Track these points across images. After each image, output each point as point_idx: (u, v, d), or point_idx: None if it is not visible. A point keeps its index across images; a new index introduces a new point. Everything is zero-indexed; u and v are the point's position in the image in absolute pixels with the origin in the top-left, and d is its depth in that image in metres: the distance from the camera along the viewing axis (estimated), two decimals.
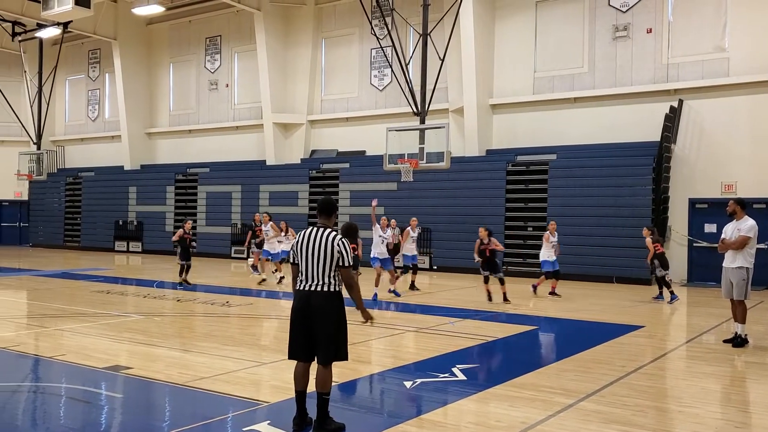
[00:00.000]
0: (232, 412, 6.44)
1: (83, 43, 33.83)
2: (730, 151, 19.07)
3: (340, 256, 5.82)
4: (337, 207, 6.21)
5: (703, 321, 12.75)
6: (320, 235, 5.88)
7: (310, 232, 5.94)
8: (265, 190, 26.89)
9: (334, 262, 5.82)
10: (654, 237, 15.71)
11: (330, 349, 5.82)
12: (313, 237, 5.88)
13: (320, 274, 5.82)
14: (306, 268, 5.88)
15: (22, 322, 11.82)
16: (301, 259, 5.91)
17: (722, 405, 7.16)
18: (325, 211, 6.08)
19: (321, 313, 5.79)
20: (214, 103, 30.04)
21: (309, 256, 5.85)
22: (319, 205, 6.14)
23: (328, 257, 5.80)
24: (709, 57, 19.54)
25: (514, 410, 6.54)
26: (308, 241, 5.88)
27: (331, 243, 5.82)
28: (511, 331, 11.33)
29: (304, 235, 5.96)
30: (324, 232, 5.90)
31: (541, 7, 22.33)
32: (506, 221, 21.49)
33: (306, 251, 5.87)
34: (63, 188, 33.83)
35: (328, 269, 5.82)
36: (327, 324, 5.79)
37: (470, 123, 22.64)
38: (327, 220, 6.06)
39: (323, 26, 27.10)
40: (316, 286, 5.83)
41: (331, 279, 5.84)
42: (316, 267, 5.82)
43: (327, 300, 5.81)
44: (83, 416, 6.41)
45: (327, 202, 6.15)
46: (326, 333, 5.79)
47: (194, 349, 9.28)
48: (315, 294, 5.82)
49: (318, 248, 5.82)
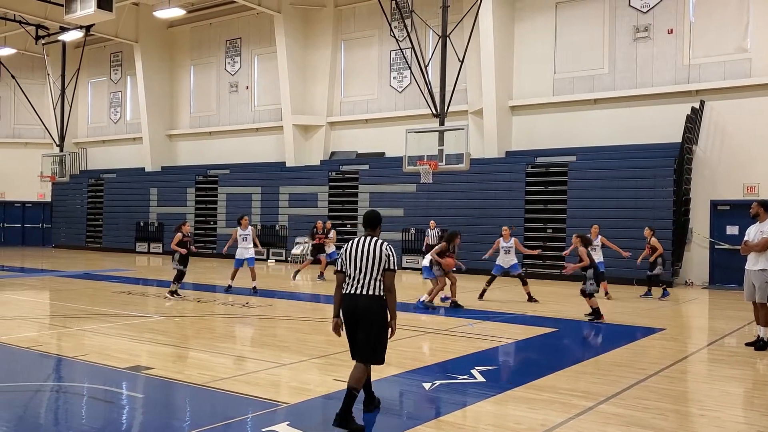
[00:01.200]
0: (252, 412, 6.48)
1: (105, 46, 34.20)
2: (752, 152, 18.87)
3: (387, 259, 6.15)
4: (380, 219, 6.54)
5: (725, 324, 12.63)
6: (368, 242, 6.23)
7: (358, 241, 6.27)
8: (285, 192, 27.01)
9: (382, 265, 6.12)
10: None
11: (367, 350, 6.13)
12: (362, 245, 6.22)
13: (367, 279, 6.12)
14: (354, 274, 6.18)
15: (44, 323, 11.97)
16: (350, 266, 6.21)
17: (744, 409, 7.10)
18: (370, 224, 6.43)
19: (366, 315, 6.09)
20: (234, 105, 30.22)
21: (357, 263, 6.16)
22: (365, 219, 6.47)
23: (376, 262, 6.12)
24: (730, 58, 19.36)
25: (534, 412, 6.52)
26: (357, 249, 6.20)
27: (379, 248, 6.17)
28: (531, 333, 11.28)
29: (353, 243, 6.28)
30: (372, 239, 6.27)
31: (560, 8, 22.23)
32: (525, 223, 21.41)
33: (355, 258, 6.18)
34: (85, 190, 34.20)
35: (376, 274, 6.12)
36: (369, 326, 6.10)
37: (489, 124, 22.59)
38: (373, 232, 6.40)
39: (343, 28, 27.17)
40: (363, 290, 6.12)
41: (377, 283, 6.13)
42: (363, 272, 6.13)
43: (373, 303, 6.10)
44: (105, 416, 6.48)
45: (372, 216, 6.48)
46: (367, 334, 6.10)
47: (214, 350, 9.34)
48: (362, 297, 6.11)
49: (367, 255, 6.15)
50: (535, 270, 20.84)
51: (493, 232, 19.96)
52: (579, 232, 13.67)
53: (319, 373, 8.11)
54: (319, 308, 14.03)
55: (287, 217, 26.88)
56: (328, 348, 9.66)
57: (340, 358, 8.93)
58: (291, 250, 26.05)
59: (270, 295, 15.76)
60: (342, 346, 9.69)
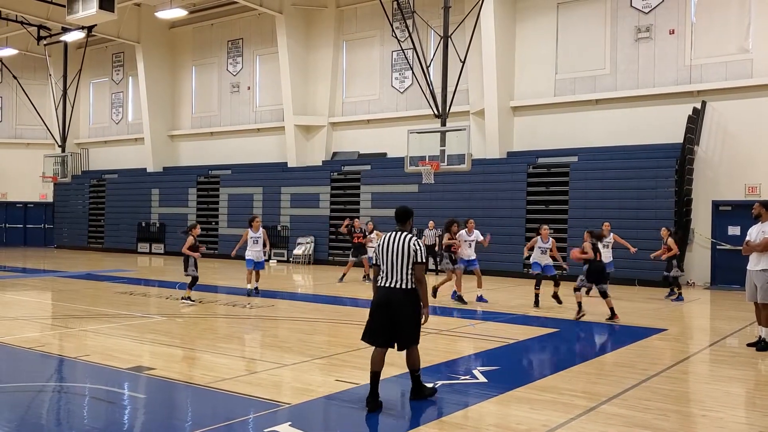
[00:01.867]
0: (254, 413, 6.49)
1: (107, 47, 34.24)
2: (754, 153, 18.86)
3: (415, 253, 6.56)
4: (412, 213, 6.97)
5: (727, 324, 12.62)
6: (399, 237, 6.63)
7: (390, 237, 6.68)
8: (287, 192, 27.03)
9: (411, 259, 6.54)
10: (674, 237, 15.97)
11: (409, 336, 6.68)
12: (393, 240, 6.63)
13: (399, 272, 6.56)
14: (386, 268, 6.61)
15: (47, 323, 11.99)
16: (383, 260, 6.64)
17: (746, 409, 7.10)
18: (400, 219, 6.87)
19: (401, 307, 6.55)
20: (236, 105, 30.25)
21: (389, 257, 6.59)
22: (396, 214, 6.90)
23: (406, 256, 6.54)
24: (732, 58, 19.35)
25: (536, 413, 6.52)
26: (389, 244, 6.62)
27: (408, 242, 6.59)
28: (533, 333, 11.29)
29: (385, 239, 6.69)
30: (402, 235, 6.67)
31: (562, 9, 22.24)
32: (527, 224, 21.41)
33: (387, 253, 6.61)
34: (87, 190, 34.23)
35: (406, 268, 6.55)
36: (406, 316, 6.58)
37: (491, 125, 22.59)
38: (403, 226, 6.83)
39: (344, 29, 27.18)
40: (396, 284, 6.56)
41: (408, 277, 6.57)
42: (395, 266, 6.56)
43: (405, 296, 6.57)
44: (107, 416, 6.49)
45: (402, 210, 6.89)
46: (406, 324, 6.59)
47: (216, 351, 9.35)
48: (395, 291, 6.56)
49: (397, 249, 6.57)
50: None
51: (495, 233, 20.00)
52: (583, 231, 13.59)
53: (321, 373, 8.12)
54: (320, 309, 14.04)
55: (289, 218, 26.90)
56: (330, 348, 9.68)
57: (342, 358, 8.96)
58: (293, 250, 26.06)
59: (272, 296, 15.78)
60: (343, 347, 9.75)
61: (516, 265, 21.03)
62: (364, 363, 8.70)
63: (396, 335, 6.63)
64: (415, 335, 6.71)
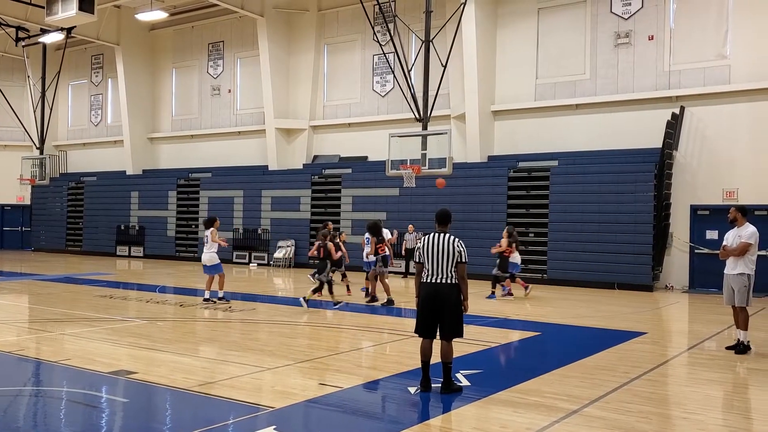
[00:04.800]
0: (238, 417, 6.45)
1: (86, 49, 33.96)
2: (731, 157, 19.11)
3: (459, 254, 7.21)
4: (451, 216, 7.57)
5: (705, 328, 12.76)
6: (442, 238, 7.24)
7: (433, 237, 7.27)
8: (267, 196, 26.93)
9: (455, 259, 7.19)
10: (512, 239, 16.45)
11: (453, 328, 7.26)
12: (437, 240, 7.24)
13: (444, 270, 7.18)
14: (432, 266, 7.22)
15: (25, 327, 11.84)
16: (427, 259, 7.25)
17: (725, 411, 7.18)
18: (442, 221, 7.47)
19: (446, 301, 7.18)
20: (217, 108, 30.12)
21: (434, 256, 7.20)
22: (438, 216, 7.49)
23: (450, 256, 7.17)
24: (710, 64, 19.60)
25: (519, 416, 6.55)
26: (433, 244, 7.23)
27: (452, 244, 7.22)
28: (515, 337, 11.34)
29: (430, 239, 7.28)
30: (445, 236, 7.27)
31: (543, 14, 22.39)
32: (508, 227, 21.42)
33: (432, 252, 7.22)
34: (65, 193, 33.87)
35: (451, 265, 7.19)
36: (451, 309, 7.20)
37: (472, 129, 22.68)
38: (444, 228, 7.43)
39: (326, 32, 27.17)
40: (441, 279, 7.20)
41: (452, 273, 7.21)
42: (440, 264, 7.17)
43: (450, 290, 7.21)
44: (88, 420, 6.43)
45: (444, 213, 7.51)
46: (449, 317, 7.19)
47: (198, 354, 9.29)
48: (441, 286, 7.20)
49: (442, 249, 7.18)
50: (517, 274, 20.89)
51: (476, 236, 20.11)
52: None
53: (304, 377, 8.09)
54: (301, 312, 14.00)
55: (269, 221, 26.80)
56: (312, 352, 9.66)
57: (324, 362, 8.95)
58: (273, 254, 25.96)
59: (252, 299, 15.71)
60: (326, 351, 9.73)
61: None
62: (347, 366, 8.73)
63: (440, 326, 7.22)
64: (459, 328, 7.31)
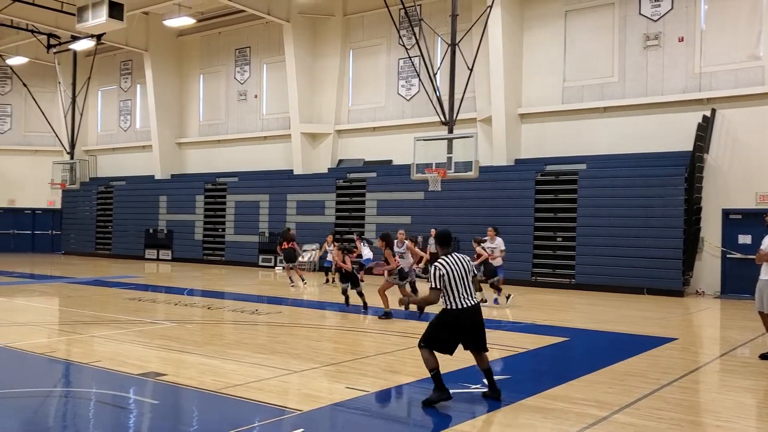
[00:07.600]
0: (266, 419, 6.46)
1: (115, 55, 34.39)
2: (764, 160, 18.76)
3: (474, 270, 7.43)
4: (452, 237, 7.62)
5: (738, 334, 12.53)
6: (459, 260, 7.25)
7: (453, 262, 7.17)
8: (293, 200, 27.03)
9: (471, 275, 7.33)
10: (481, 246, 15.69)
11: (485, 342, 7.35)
12: (456, 263, 7.19)
13: (470, 289, 7.25)
14: (462, 289, 7.15)
15: (56, 329, 11.99)
16: (458, 283, 7.12)
17: (759, 420, 7.03)
18: (446, 242, 7.41)
19: (480, 319, 7.28)
20: (243, 113, 30.31)
21: (460, 279, 7.14)
22: (443, 238, 7.44)
23: (470, 274, 7.30)
24: (742, 66, 19.28)
25: (547, 422, 6.47)
26: (456, 267, 7.15)
27: (467, 262, 7.33)
28: (543, 342, 11.23)
29: (449, 264, 7.13)
30: (459, 257, 7.28)
31: (570, 17, 22.23)
32: (535, 231, 21.33)
33: (457, 276, 7.13)
34: (95, 197, 34.31)
35: (473, 283, 7.34)
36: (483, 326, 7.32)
37: (498, 132, 22.56)
38: (448, 248, 7.37)
39: (351, 37, 27.23)
40: (473, 301, 7.22)
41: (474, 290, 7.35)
42: (466, 286, 7.20)
43: (480, 308, 7.33)
44: (117, 422, 6.47)
45: (448, 234, 7.49)
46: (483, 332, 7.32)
47: (226, 357, 9.33)
48: (476, 307, 7.21)
49: (462, 271, 7.20)
50: (545, 279, 20.79)
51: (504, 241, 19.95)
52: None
53: (330, 380, 8.08)
54: (326, 316, 14.00)
55: (295, 225, 26.84)
56: (338, 356, 9.65)
57: (350, 366, 8.93)
58: (298, 257, 25.99)
59: (278, 302, 15.76)
60: (351, 354, 9.72)
61: (524, 273, 20.92)
62: (372, 371, 8.70)
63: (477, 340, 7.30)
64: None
